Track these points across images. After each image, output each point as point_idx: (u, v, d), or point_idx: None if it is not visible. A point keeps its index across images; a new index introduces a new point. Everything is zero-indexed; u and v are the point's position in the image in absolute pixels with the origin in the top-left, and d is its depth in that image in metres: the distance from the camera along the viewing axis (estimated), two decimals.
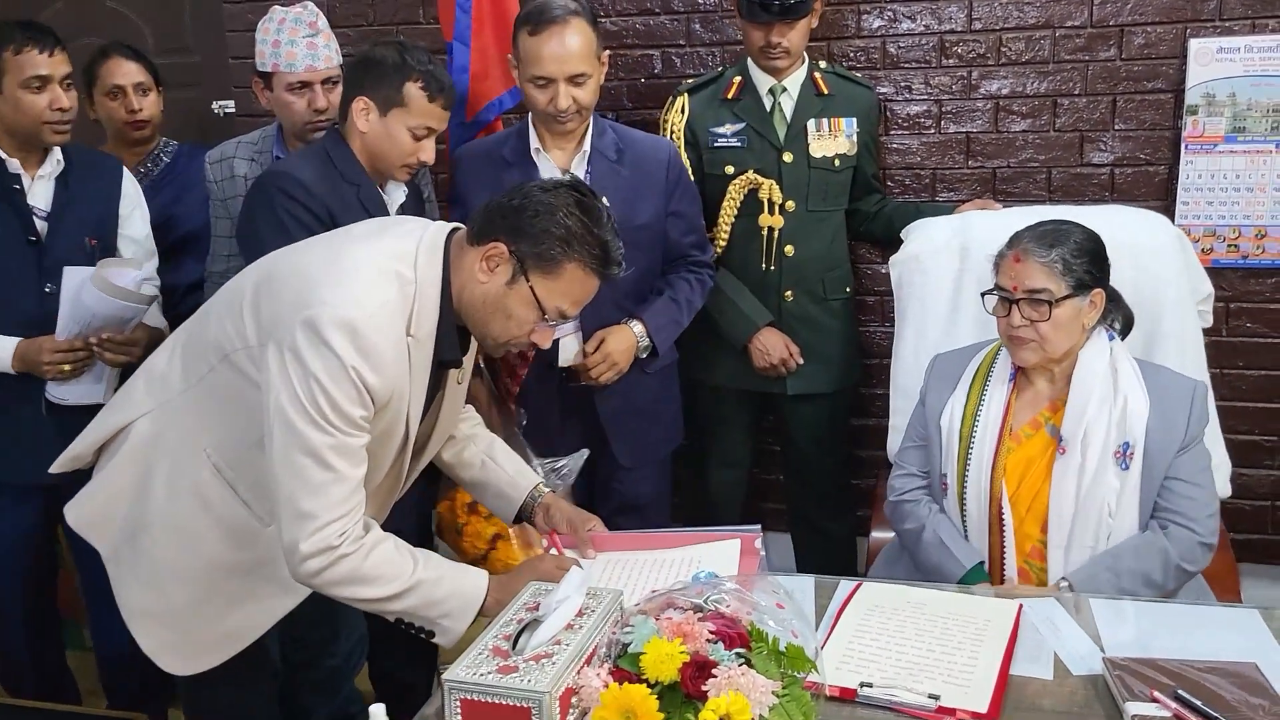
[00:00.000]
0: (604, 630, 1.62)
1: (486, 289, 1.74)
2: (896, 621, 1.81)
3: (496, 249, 1.72)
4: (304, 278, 1.70)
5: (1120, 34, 3.01)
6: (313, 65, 2.57)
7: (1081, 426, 2.04)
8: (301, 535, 1.64)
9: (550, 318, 1.76)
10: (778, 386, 2.95)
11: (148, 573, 1.85)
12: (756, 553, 1.99)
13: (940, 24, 3.12)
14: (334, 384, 1.62)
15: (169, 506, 1.82)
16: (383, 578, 1.70)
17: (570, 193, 1.74)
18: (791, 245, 2.88)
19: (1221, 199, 2.99)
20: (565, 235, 1.70)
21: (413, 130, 2.27)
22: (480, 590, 1.78)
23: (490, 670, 1.51)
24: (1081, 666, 1.69)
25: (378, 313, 1.66)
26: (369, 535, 1.71)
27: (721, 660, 1.50)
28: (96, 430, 1.93)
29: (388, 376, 1.67)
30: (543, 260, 1.71)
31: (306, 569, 1.66)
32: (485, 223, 1.75)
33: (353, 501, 1.68)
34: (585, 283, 1.76)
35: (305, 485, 1.64)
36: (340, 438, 1.65)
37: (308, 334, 1.62)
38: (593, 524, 2.04)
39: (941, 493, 2.19)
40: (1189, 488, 2.04)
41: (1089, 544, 2.04)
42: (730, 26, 3.27)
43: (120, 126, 2.99)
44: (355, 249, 1.74)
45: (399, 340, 1.69)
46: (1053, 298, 2.02)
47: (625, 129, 2.62)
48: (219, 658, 1.88)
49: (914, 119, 3.20)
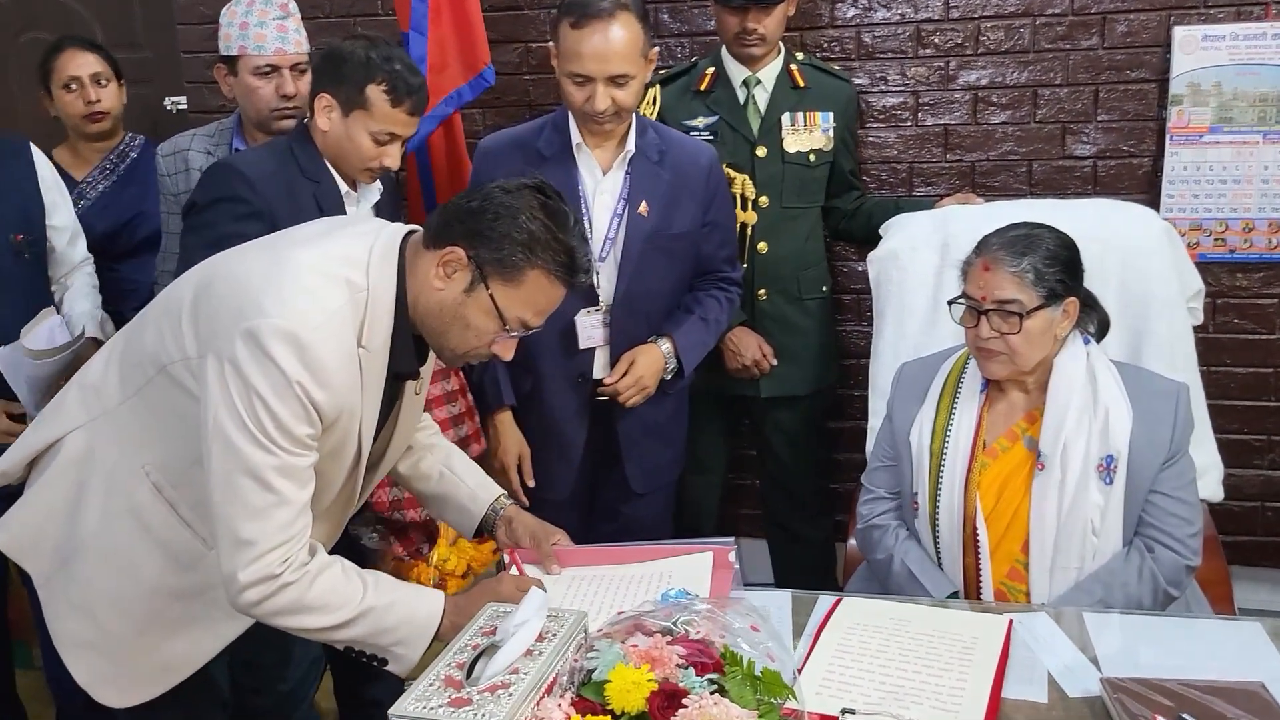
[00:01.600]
0: (566, 656, 1.52)
1: (443, 297, 1.62)
2: (879, 640, 1.71)
3: (454, 254, 1.60)
4: (245, 285, 1.58)
5: (1102, 22, 2.95)
6: (282, 49, 2.48)
7: (1060, 440, 1.94)
8: (240, 564, 1.52)
9: (512, 328, 1.64)
10: (751, 389, 2.88)
11: (81, 599, 1.73)
12: (730, 567, 1.89)
13: (916, 13, 3.05)
14: (278, 400, 1.51)
15: (104, 528, 1.70)
16: (329, 606, 1.59)
17: (534, 194, 1.62)
18: (765, 242, 2.80)
19: (1207, 191, 2.93)
20: (528, 240, 1.59)
21: (374, 135, 2.17)
22: (435, 616, 1.67)
23: (441, 703, 1.41)
24: (1078, 687, 1.60)
25: (325, 324, 1.54)
26: (314, 561, 1.59)
27: (693, 688, 1.42)
28: (25, 445, 1.80)
29: (336, 392, 1.56)
30: (503, 267, 1.59)
31: (246, 599, 1.55)
32: (442, 225, 1.63)
33: (297, 526, 1.56)
34: (550, 291, 1.64)
35: (245, 509, 1.52)
36: (284, 457, 1.53)
37: (249, 346, 1.51)
38: (558, 538, 1.94)
39: (912, 513, 2.09)
40: (1175, 504, 1.94)
41: (1074, 565, 1.94)
42: (700, 16, 3.18)
43: (78, 120, 2.90)
44: (300, 253, 1.61)
45: (349, 352, 1.58)
46: (1024, 309, 1.92)
47: (666, 129, 2.47)
48: (160, 688, 1.76)
49: (890, 111, 3.11)
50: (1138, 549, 1.94)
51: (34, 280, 2.56)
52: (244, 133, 2.62)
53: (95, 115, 2.88)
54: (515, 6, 3.28)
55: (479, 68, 3.01)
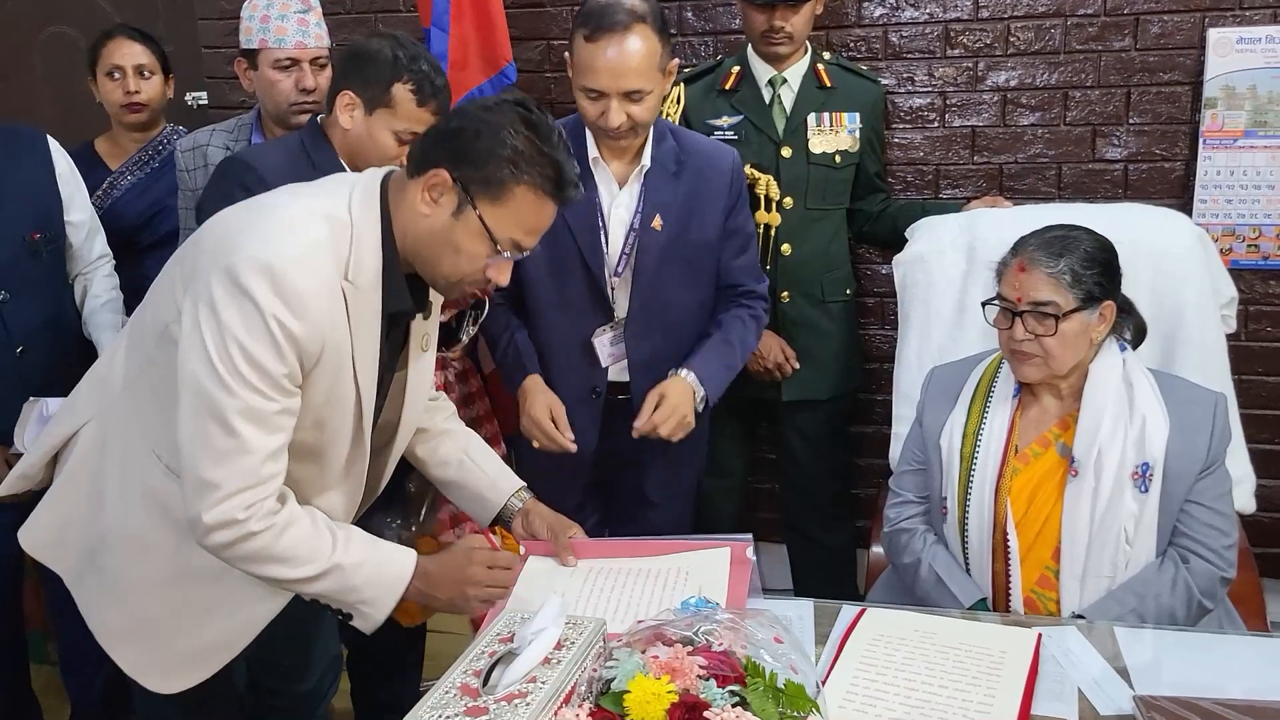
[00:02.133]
0: (584, 665, 1.50)
1: (431, 223, 1.59)
2: (904, 653, 1.67)
3: (438, 177, 1.57)
4: (225, 230, 1.58)
5: (1135, 23, 2.89)
6: (303, 42, 2.48)
7: (1095, 447, 1.90)
8: (203, 507, 1.52)
9: (504, 249, 1.61)
10: (772, 392, 2.84)
11: (113, 590, 1.73)
12: (748, 563, 1.88)
13: (945, 12, 3.00)
14: (250, 336, 1.49)
15: (125, 516, 1.70)
16: (296, 559, 1.59)
17: (514, 109, 1.59)
18: (789, 244, 2.77)
19: (1241, 196, 2.88)
20: (512, 156, 1.55)
21: (398, 134, 2.13)
22: (403, 579, 1.67)
23: (457, 712, 1.39)
24: (1110, 706, 1.55)
25: (303, 255, 1.52)
26: (283, 511, 1.58)
27: (714, 700, 1.39)
28: (41, 445, 1.82)
29: (315, 324, 1.53)
30: (489, 185, 1.56)
31: (212, 541, 1.55)
32: (424, 150, 1.61)
33: (263, 473, 1.54)
34: (539, 208, 1.60)
35: (209, 452, 1.51)
36: (249, 399, 1.50)
37: (224, 283, 1.49)
38: (574, 531, 1.94)
39: (941, 517, 2.05)
40: (1211, 515, 1.90)
41: (1106, 573, 1.90)
42: (724, 14, 3.14)
43: (117, 109, 2.90)
44: (280, 199, 1.62)
45: (330, 285, 1.55)
46: (1060, 311, 1.88)
47: (686, 133, 2.37)
48: (203, 673, 1.75)
49: (917, 112, 3.07)
50: (1172, 559, 1.89)
51: (52, 278, 2.56)
52: (263, 128, 2.61)
53: (134, 106, 2.88)
54: (538, 3, 3.25)
55: (500, 65, 3.00)
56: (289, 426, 1.57)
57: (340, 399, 1.64)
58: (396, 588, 1.66)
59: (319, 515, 1.64)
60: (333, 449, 1.68)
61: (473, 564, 1.72)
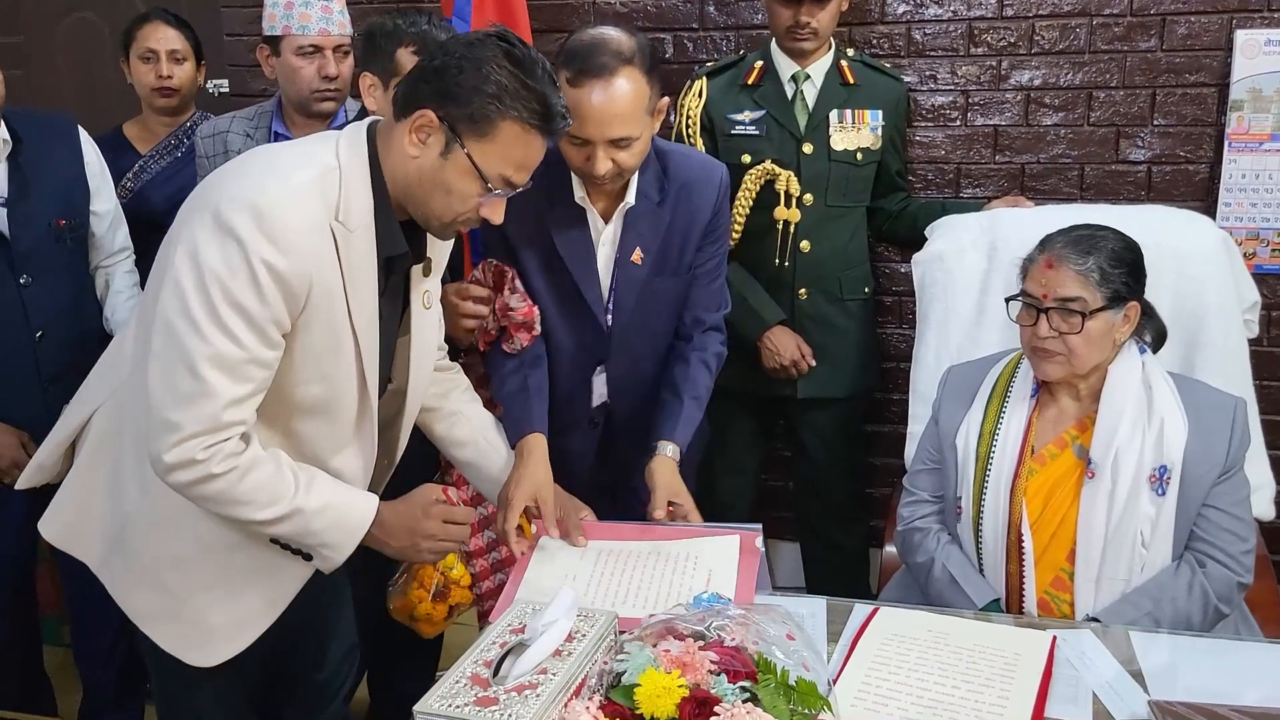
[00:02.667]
0: (595, 658, 1.50)
1: (420, 164, 1.60)
2: (917, 653, 1.66)
3: (424, 117, 1.57)
4: (216, 179, 1.60)
5: (1162, 23, 2.87)
6: (326, 29, 2.50)
7: (1112, 449, 1.89)
8: (163, 446, 1.53)
9: (495, 186, 1.60)
10: (788, 389, 2.83)
11: (142, 571, 1.74)
12: (757, 552, 1.89)
13: (969, 9, 2.99)
14: (232, 276, 1.49)
15: (145, 496, 1.71)
16: (257, 502, 1.61)
17: (497, 43, 1.58)
18: (808, 241, 2.75)
19: (1266, 200, 2.86)
20: (497, 91, 1.55)
21: None
22: (363, 524, 1.70)
23: (467, 701, 1.38)
24: (1124, 710, 1.54)
25: (289, 194, 1.53)
26: (246, 453, 1.58)
27: (725, 695, 1.39)
28: (56, 435, 1.83)
29: (302, 259, 1.53)
30: (475, 122, 1.56)
31: (173, 480, 1.56)
32: (409, 91, 1.61)
33: (224, 419, 1.54)
34: (527, 142, 1.59)
35: (174, 394, 1.52)
36: (223, 345, 1.50)
37: (208, 224, 1.50)
38: (585, 513, 1.96)
39: (955, 517, 2.04)
40: (1229, 520, 1.89)
41: (1121, 576, 1.88)
42: (746, 9, 3.13)
43: (148, 92, 2.93)
44: (269, 148, 1.65)
45: (319, 223, 1.55)
46: (1086, 309, 1.87)
47: (673, 153, 2.19)
48: (249, 638, 1.77)
49: (939, 110, 3.05)
50: (1188, 563, 1.88)
51: (74, 265, 2.58)
52: (284, 116, 2.61)
53: (165, 90, 2.90)
54: None
55: None
56: (258, 378, 1.56)
57: (339, 348, 1.64)
58: (356, 533, 1.68)
59: (283, 457, 1.65)
60: (339, 404, 1.68)
61: (429, 517, 1.74)
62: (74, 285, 2.57)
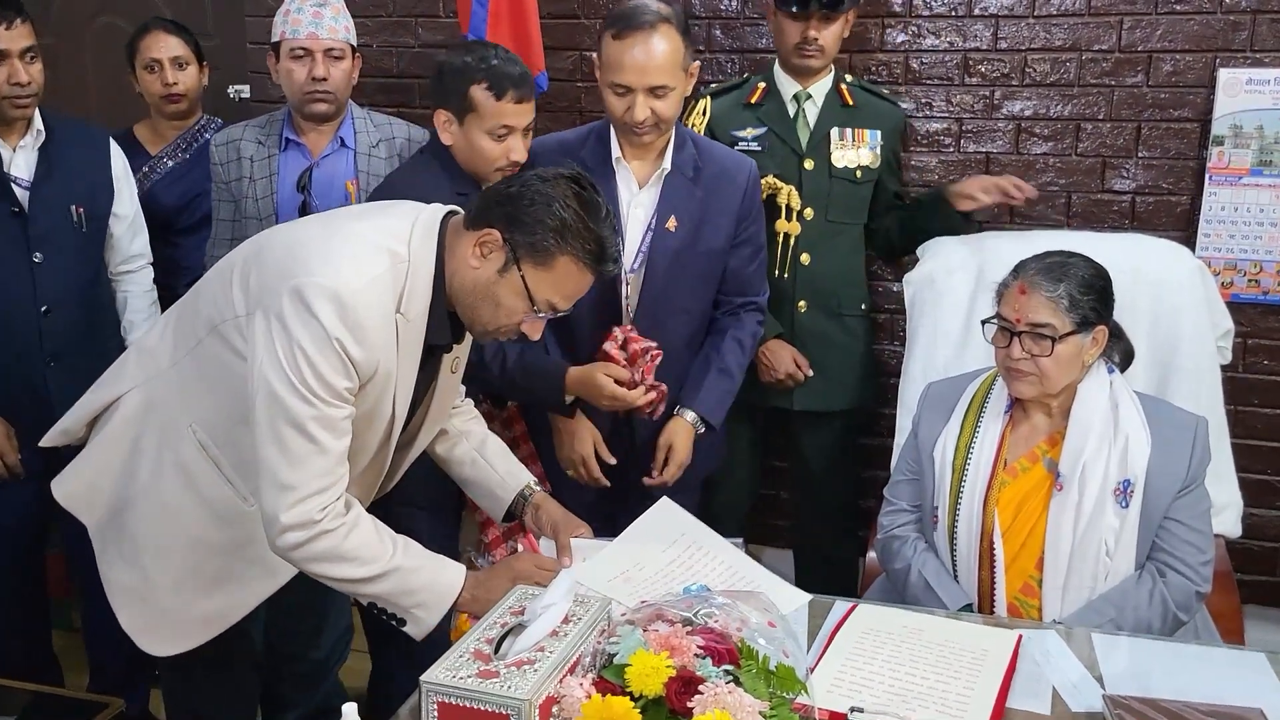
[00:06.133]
0: (589, 639, 1.59)
1: (478, 275, 1.71)
2: (891, 646, 1.76)
3: (490, 235, 1.69)
4: (294, 249, 1.68)
5: (1149, 60, 2.97)
6: (315, 33, 2.61)
7: (1080, 463, 1.99)
8: (281, 507, 1.62)
9: (540, 309, 1.73)
10: (784, 401, 2.90)
11: (131, 550, 1.84)
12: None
13: (965, 41, 3.08)
14: (319, 353, 1.60)
15: (153, 483, 1.81)
16: (361, 559, 1.69)
17: (569, 184, 1.71)
18: (808, 254, 2.84)
19: (1244, 233, 2.94)
20: (560, 227, 1.67)
21: (491, 133, 2.25)
22: (456, 585, 1.76)
23: (470, 674, 1.48)
24: (1081, 703, 1.64)
25: (367, 287, 1.64)
26: (350, 513, 1.69)
27: (709, 676, 1.47)
28: (87, 404, 1.92)
29: (373, 350, 1.65)
30: (535, 251, 1.68)
31: (286, 541, 1.64)
32: (482, 208, 1.73)
33: (335, 475, 1.66)
34: (578, 277, 1.72)
35: (287, 456, 1.62)
36: (323, 409, 1.62)
37: (294, 303, 1.61)
38: (581, 530, 2.01)
39: (932, 526, 2.14)
40: (1189, 532, 1.99)
41: (1086, 584, 1.98)
42: (751, 34, 3.23)
43: (156, 100, 3.02)
44: (348, 224, 1.73)
45: (387, 316, 1.67)
46: (1056, 334, 1.97)
47: (706, 143, 2.52)
48: (197, 640, 1.86)
49: (934, 136, 3.15)
50: (1150, 573, 1.98)
51: (87, 250, 2.67)
52: (293, 122, 2.72)
53: (173, 97, 3.00)
54: (572, 15, 3.35)
55: (533, 74, 3.09)
56: (349, 432, 1.68)
57: (377, 417, 1.76)
58: (449, 594, 1.75)
59: (379, 522, 1.74)
60: (359, 455, 1.78)
61: (521, 562, 1.83)
62: (85, 269, 2.67)
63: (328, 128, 2.70)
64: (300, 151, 2.71)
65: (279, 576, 1.86)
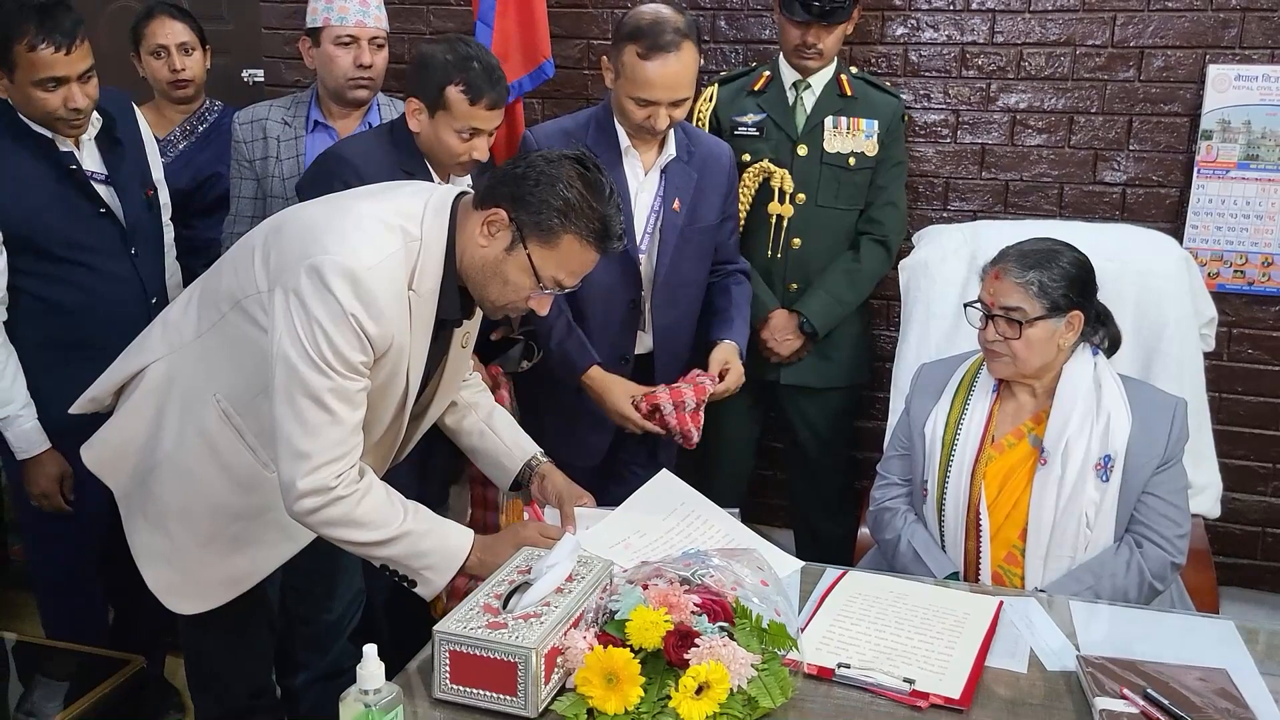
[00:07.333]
0: (592, 596, 1.67)
1: (486, 253, 1.78)
2: (878, 609, 1.85)
3: (497, 215, 1.76)
4: (311, 227, 1.75)
5: (1140, 56, 3.04)
6: (362, 21, 2.68)
7: (1063, 440, 2.07)
8: (298, 474, 1.69)
9: (546, 286, 1.79)
10: (772, 374, 2.97)
11: (155, 514, 1.92)
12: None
13: (962, 35, 3.16)
14: (335, 328, 1.67)
15: (178, 449, 1.88)
16: (373, 523, 1.76)
17: (573, 165, 1.77)
18: (799, 238, 2.91)
19: (1231, 225, 3.02)
20: (564, 207, 1.73)
21: (458, 132, 2.30)
22: (464, 548, 1.83)
23: (480, 625, 1.56)
24: (1056, 663, 1.73)
25: (380, 265, 1.71)
26: (363, 480, 1.76)
27: (705, 632, 1.55)
28: (114, 374, 1.99)
29: (386, 326, 1.72)
30: (540, 230, 1.74)
31: (301, 506, 1.71)
32: (489, 188, 1.79)
33: (349, 444, 1.73)
34: (582, 255, 1.78)
35: (303, 426, 1.69)
36: (339, 381, 1.69)
37: (311, 279, 1.68)
38: (584, 500, 2.08)
39: (921, 499, 2.23)
40: (1166, 506, 2.07)
41: (1067, 554, 2.07)
42: (755, 25, 3.31)
43: (164, 85, 3.06)
44: (362, 204, 1.79)
45: (400, 293, 1.74)
46: (1025, 318, 2.06)
47: (690, 128, 2.64)
48: (219, 599, 1.94)
49: (931, 127, 3.23)
50: (1128, 544, 2.07)
51: (160, 232, 2.70)
52: (320, 105, 2.79)
53: (180, 83, 3.04)
54: (579, 4, 3.41)
55: (539, 61, 3.16)
56: (364, 404, 1.75)
57: (391, 389, 1.83)
58: (457, 557, 1.82)
59: (390, 489, 1.81)
60: (374, 427, 1.86)
61: (528, 528, 1.90)
62: (163, 252, 2.71)
63: (358, 112, 2.78)
64: (329, 134, 2.77)
65: (297, 540, 1.93)
